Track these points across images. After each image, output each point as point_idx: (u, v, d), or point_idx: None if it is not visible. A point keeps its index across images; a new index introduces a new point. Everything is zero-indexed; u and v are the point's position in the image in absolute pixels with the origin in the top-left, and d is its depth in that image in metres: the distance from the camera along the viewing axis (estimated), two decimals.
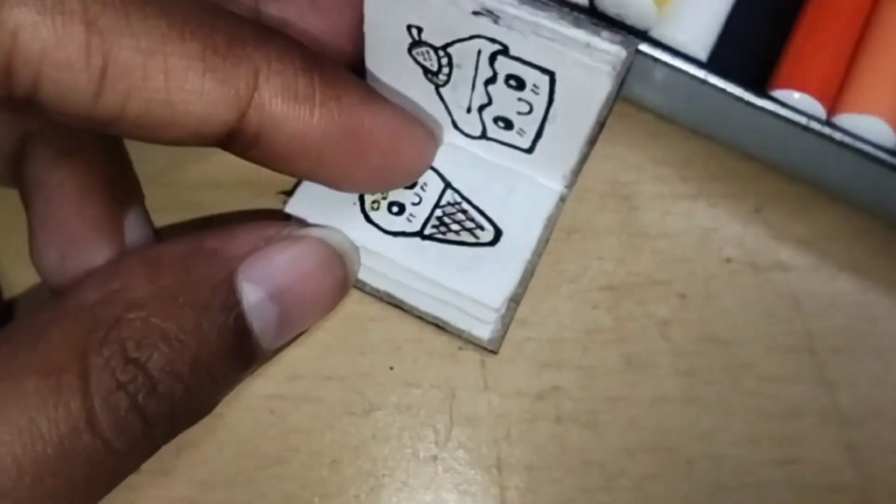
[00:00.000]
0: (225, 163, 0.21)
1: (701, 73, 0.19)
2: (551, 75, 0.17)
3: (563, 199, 0.20)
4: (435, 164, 0.20)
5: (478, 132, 0.19)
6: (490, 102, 0.19)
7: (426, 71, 0.18)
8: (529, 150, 0.19)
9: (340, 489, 0.19)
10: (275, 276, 0.17)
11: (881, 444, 0.19)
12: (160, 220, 0.20)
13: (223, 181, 0.21)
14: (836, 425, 0.19)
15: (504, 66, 0.17)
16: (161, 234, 0.20)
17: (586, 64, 0.16)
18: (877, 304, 0.20)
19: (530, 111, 0.18)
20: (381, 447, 0.19)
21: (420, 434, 0.19)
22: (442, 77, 0.18)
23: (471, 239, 0.19)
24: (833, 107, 0.19)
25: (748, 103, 0.19)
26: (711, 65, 0.19)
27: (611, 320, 0.20)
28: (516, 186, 0.20)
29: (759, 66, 0.20)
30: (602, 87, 0.17)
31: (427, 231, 0.19)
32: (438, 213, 0.19)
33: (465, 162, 0.20)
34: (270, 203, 0.21)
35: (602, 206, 0.21)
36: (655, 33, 0.19)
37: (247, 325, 0.16)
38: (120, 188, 0.19)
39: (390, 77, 0.19)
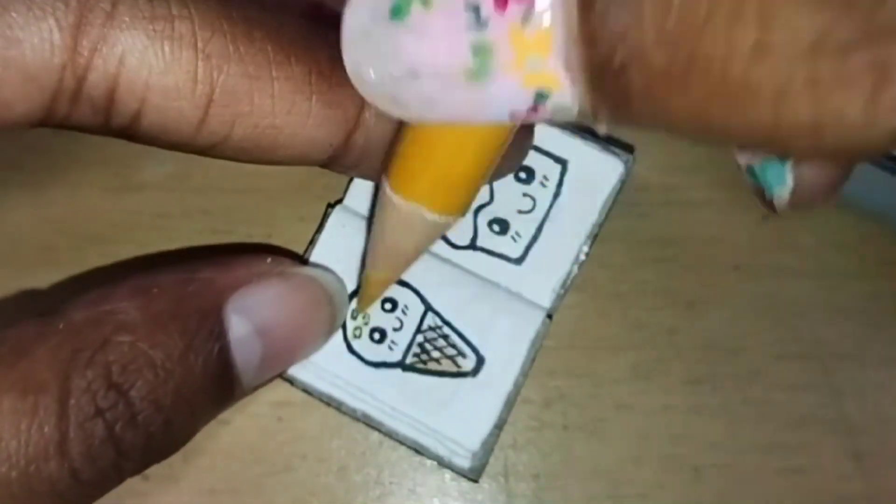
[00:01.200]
0: (230, 167, 0.21)
1: None
2: (563, 164, 0.19)
3: (549, 316, 0.19)
4: (415, 284, 0.19)
5: (466, 240, 0.19)
6: (491, 201, 0.19)
7: None
8: (519, 261, 0.19)
9: (348, 496, 0.19)
10: (263, 312, 0.16)
11: (889, 453, 0.19)
12: (167, 226, 0.20)
13: (229, 187, 0.21)
14: (843, 433, 0.19)
15: None
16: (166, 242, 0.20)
17: (600, 153, 0.19)
18: (885, 311, 0.20)
19: (532, 208, 0.19)
20: (389, 454, 0.19)
21: None
22: None
23: (452, 368, 0.19)
24: None
25: None
26: None
27: (618, 328, 0.20)
28: (501, 307, 0.19)
29: None
30: (613, 175, 0.19)
31: (408, 360, 0.19)
32: (420, 338, 0.19)
33: (447, 279, 0.19)
34: (276, 208, 0.21)
35: (610, 213, 0.21)
36: None
37: (231, 359, 0.16)
38: None
39: None
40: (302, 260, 0.19)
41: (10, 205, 0.20)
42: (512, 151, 0.15)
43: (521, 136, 0.16)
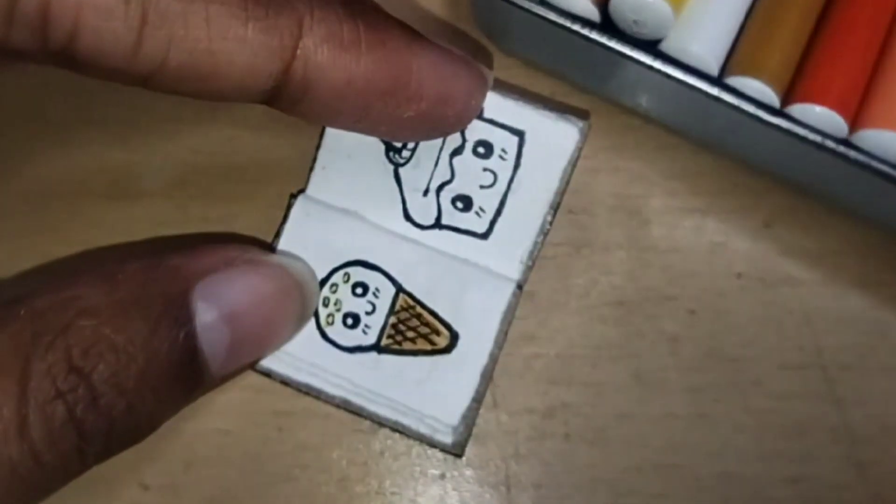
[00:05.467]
0: (230, 174, 0.21)
1: (714, 91, 0.18)
2: (521, 136, 0.19)
3: (520, 287, 0.19)
4: (385, 267, 0.19)
5: (431, 220, 0.19)
6: (452, 178, 0.19)
7: (388, 148, 0.19)
8: (485, 236, 0.19)
9: None
10: (231, 299, 0.16)
11: (891, 462, 0.19)
12: (167, 233, 0.20)
13: (229, 194, 0.21)
14: (845, 443, 0.19)
15: (475, 130, 0.19)
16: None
17: (555, 121, 0.19)
18: (887, 319, 0.20)
19: (494, 182, 0.19)
20: (390, 464, 0.19)
21: (428, 452, 0.19)
22: (405, 154, 0.19)
23: (427, 346, 0.19)
24: (855, 121, 0.18)
25: (762, 121, 0.18)
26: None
27: (620, 336, 0.20)
28: (471, 283, 0.19)
29: None
30: (569, 142, 0.19)
31: (383, 342, 0.19)
32: (393, 319, 0.19)
33: (415, 259, 0.19)
34: (276, 215, 0.20)
35: (611, 220, 0.21)
36: (666, 45, 0.19)
37: (197, 345, 0.16)
38: None
39: (345, 158, 0.19)
40: (271, 250, 0.19)
41: (9, 213, 0.20)
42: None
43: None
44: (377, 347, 0.19)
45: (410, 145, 0.19)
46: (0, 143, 0.21)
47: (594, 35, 0.19)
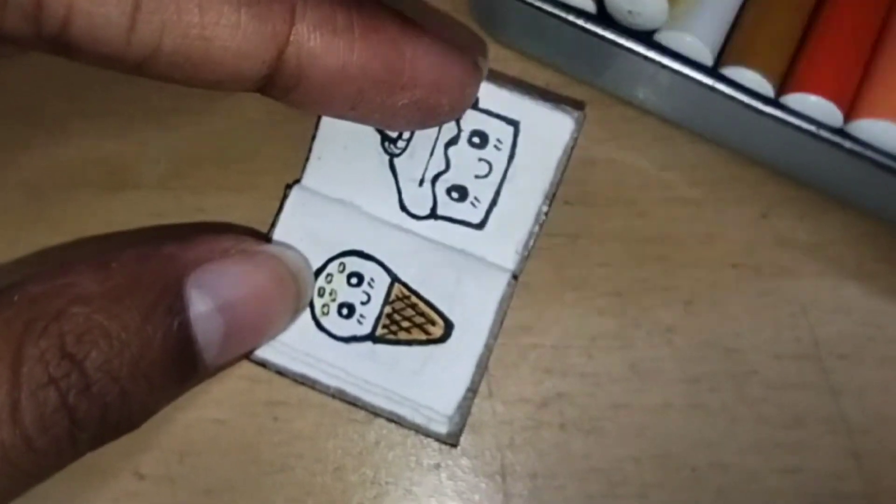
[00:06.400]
0: (226, 165, 0.21)
1: (709, 81, 0.18)
2: (516, 126, 0.19)
3: (515, 277, 0.19)
4: (379, 256, 0.19)
5: (426, 210, 0.19)
6: (447, 168, 0.19)
7: (384, 138, 0.19)
8: (480, 226, 0.19)
9: (344, 496, 0.19)
10: (225, 289, 0.16)
11: (888, 452, 0.19)
12: (163, 224, 0.20)
13: (225, 185, 0.21)
14: (842, 433, 0.19)
15: (470, 120, 0.19)
16: None
17: (550, 111, 0.19)
18: (884, 310, 0.20)
19: (489, 172, 0.19)
20: (385, 454, 0.19)
21: (423, 441, 0.19)
22: (401, 144, 0.19)
23: (422, 336, 0.19)
24: (850, 111, 0.18)
25: (757, 111, 0.18)
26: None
27: (616, 327, 0.20)
28: (466, 273, 0.19)
29: None
30: (564, 132, 0.19)
31: (378, 332, 0.19)
32: (388, 310, 0.19)
33: (410, 250, 0.19)
34: (272, 206, 0.20)
35: (607, 211, 0.21)
36: (661, 35, 0.19)
37: (191, 334, 0.16)
38: None
39: (341, 149, 0.19)
40: (266, 240, 0.19)
41: (5, 204, 0.20)
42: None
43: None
44: (372, 337, 0.19)
45: (406, 135, 0.19)
46: None
47: (589, 25, 0.19)
